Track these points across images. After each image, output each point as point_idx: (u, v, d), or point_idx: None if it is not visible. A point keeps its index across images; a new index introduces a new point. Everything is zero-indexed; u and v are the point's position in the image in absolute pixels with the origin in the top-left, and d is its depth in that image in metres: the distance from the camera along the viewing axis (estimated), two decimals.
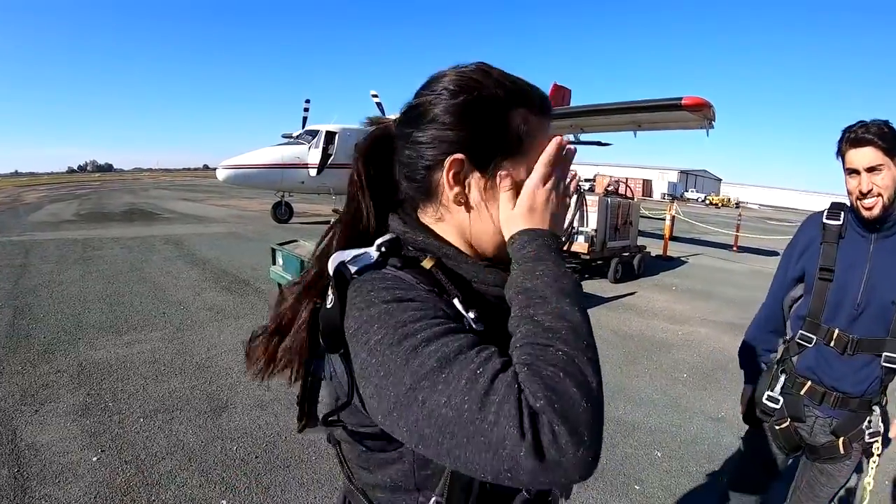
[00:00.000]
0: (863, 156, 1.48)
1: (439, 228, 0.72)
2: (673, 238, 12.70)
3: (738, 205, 49.04)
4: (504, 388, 0.50)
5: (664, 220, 12.44)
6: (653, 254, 10.26)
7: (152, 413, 3.36)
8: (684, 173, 68.09)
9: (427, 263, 0.67)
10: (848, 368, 1.59)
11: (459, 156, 0.66)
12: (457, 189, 0.68)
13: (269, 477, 2.73)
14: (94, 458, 2.81)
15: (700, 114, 10.34)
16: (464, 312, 0.62)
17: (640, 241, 9.44)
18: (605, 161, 55.22)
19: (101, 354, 4.32)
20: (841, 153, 1.55)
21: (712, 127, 11.20)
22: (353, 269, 0.65)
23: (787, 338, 1.77)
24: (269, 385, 3.73)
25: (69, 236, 10.89)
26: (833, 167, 1.61)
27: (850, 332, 1.58)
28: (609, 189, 9.37)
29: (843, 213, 1.64)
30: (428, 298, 0.61)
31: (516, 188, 0.67)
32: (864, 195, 1.50)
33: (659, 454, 3.18)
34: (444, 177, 0.67)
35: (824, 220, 1.66)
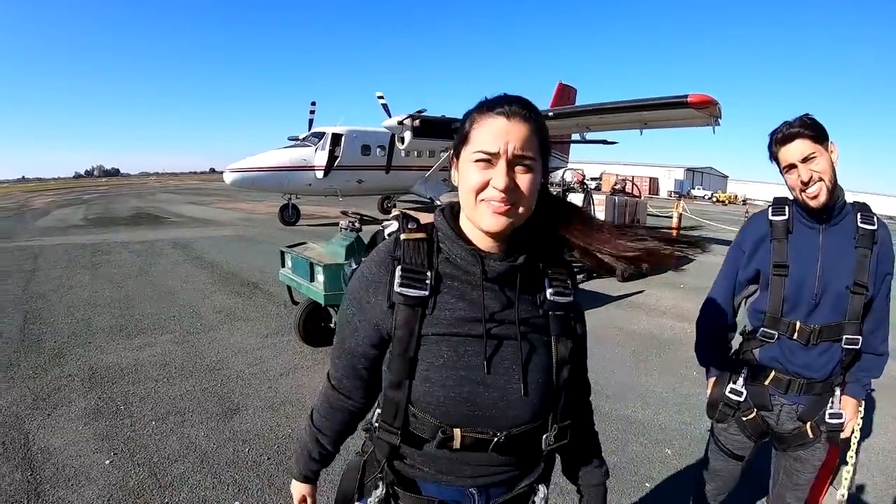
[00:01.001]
0: (794, 149, 1.50)
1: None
2: None
3: (745, 202, 48.56)
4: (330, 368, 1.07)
5: (671, 217, 12.35)
6: None
7: (164, 416, 3.38)
8: (691, 171, 67.57)
9: (403, 237, 0.94)
10: (812, 356, 1.62)
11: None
12: (455, 171, 0.96)
13: (281, 478, 2.74)
14: (107, 461, 2.84)
15: (706, 111, 10.29)
16: (397, 278, 0.90)
17: None
18: (612, 159, 55.07)
19: (111, 358, 4.36)
20: (773, 156, 1.57)
21: (718, 124, 11.15)
22: (386, 233, 1.03)
23: (746, 330, 1.78)
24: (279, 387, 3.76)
25: (77, 241, 11.01)
26: (839, 162, 1.59)
27: (810, 323, 1.60)
28: (616, 187, 9.34)
29: (787, 207, 1.65)
30: (374, 280, 0.93)
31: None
32: (806, 184, 1.50)
33: (669, 452, 3.16)
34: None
35: (770, 218, 1.66)
